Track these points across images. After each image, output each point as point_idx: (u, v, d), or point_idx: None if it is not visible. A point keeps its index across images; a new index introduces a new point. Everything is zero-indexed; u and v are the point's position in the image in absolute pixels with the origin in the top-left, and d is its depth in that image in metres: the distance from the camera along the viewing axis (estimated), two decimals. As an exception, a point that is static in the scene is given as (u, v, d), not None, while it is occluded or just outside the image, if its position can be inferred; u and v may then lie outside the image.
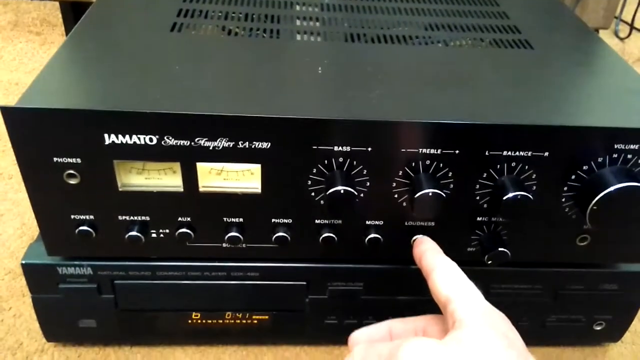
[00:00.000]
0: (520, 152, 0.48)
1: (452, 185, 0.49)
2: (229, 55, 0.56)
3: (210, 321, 0.59)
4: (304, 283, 0.57)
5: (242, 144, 0.46)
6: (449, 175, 0.49)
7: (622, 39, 1.45)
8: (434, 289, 0.45)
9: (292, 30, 0.62)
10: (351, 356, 0.44)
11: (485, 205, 0.51)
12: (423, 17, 0.69)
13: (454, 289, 0.43)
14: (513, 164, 0.48)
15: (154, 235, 0.52)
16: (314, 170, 0.48)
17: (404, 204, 0.50)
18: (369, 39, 0.61)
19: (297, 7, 0.69)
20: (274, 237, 0.52)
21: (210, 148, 0.46)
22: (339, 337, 0.54)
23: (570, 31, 0.69)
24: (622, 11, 1.46)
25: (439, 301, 0.44)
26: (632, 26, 1.46)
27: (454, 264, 0.46)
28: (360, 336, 0.48)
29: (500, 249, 0.52)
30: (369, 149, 0.47)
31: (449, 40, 0.63)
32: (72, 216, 0.50)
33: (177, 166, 0.47)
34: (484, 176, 0.49)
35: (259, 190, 0.49)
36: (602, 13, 1.21)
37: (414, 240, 0.52)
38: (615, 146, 0.47)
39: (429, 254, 0.48)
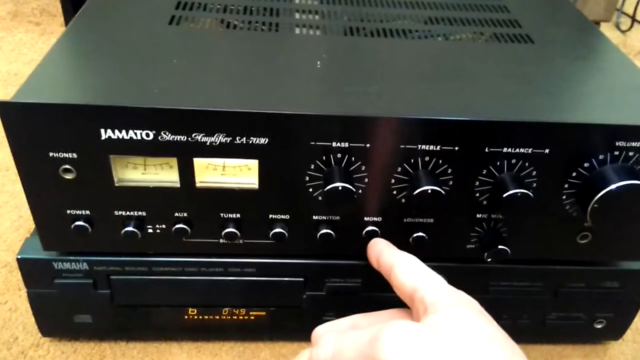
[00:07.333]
0: (521, 149, 0.47)
1: (451, 182, 0.49)
2: (228, 49, 0.56)
3: (207, 317, 0.59)
4: (302, 279, 0.56)
5: (239, 139, 0.46)
6: (448, 172, 0.48)
7: (623, 32, 1.44)
8: (398, 282, 0.45)
9: (291, 23, 0.62)
10: (319, 346, 0.42)
11: (484, 202, 0.50)
12: (423, 10, 0.68)
13: (419, 277, 0.44)
14: (513, 161, 0.48)
15: (150, 230, 0.51)
16: (312, 166, 0.48)
17: (403, 200, 0.50)
18: (369, 33, 0.61)
19: (297, 0, 0.68)
20: (272, 233, 0.51)
21: (208, 143, 0.46)
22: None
23: (571, 25, 0.68)
24: (623, 3, 1.45)
25: (404, 293, 0.44)
26: (633, 19, 1.45)
27: (414, 257, 0.46)
28: (324, 329, 0.48)
29: (499, 246, 0.52)
30: (368, 145, 0.46)
31: (449, 34, 0.62)
32: (68, 211, 0.49)
33: (173, 161, 0.47)
34: (484, 173, 0.48)
35: (256, 186, 0.49)
36: (604, 5, 1.21)
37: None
38: (617, 143, 0.47)
39: (386, 251, 0.48)
